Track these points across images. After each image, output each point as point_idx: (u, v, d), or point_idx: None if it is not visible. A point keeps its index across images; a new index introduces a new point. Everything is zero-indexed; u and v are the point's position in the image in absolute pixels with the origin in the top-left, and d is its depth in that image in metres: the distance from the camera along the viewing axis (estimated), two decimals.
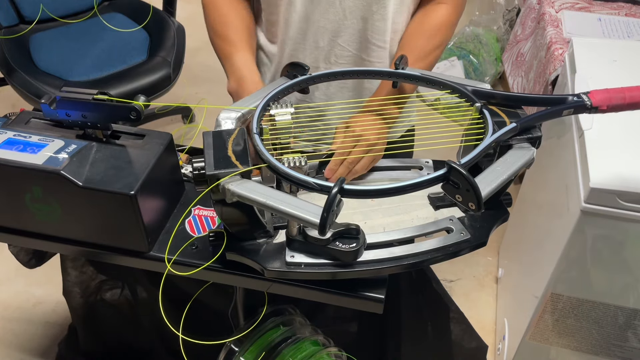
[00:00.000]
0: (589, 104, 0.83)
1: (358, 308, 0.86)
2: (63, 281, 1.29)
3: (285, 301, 1.09)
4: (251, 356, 1.03)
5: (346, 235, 0.79)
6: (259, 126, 0.82)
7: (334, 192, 0.68)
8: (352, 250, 0.77)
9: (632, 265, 1.18)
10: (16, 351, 1.67)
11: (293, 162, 0.76)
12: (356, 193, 0.70)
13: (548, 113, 0.84)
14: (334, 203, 0.68)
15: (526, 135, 0.81)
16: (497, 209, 0.89)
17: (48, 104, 0.88)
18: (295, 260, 0.80)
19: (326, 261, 0.79)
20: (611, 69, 1.35)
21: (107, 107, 0.86)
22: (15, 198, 0.88)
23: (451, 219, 0.86)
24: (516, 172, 0.78)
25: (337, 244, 0.78)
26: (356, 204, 0.94)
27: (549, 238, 1.30)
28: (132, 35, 2.06)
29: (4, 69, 1.89)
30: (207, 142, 0.79)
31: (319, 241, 0.78)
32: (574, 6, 1.84)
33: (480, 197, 0.68)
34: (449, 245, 0.82)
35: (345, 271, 0.79)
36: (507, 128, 0.79)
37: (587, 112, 0.84)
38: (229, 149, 0.77)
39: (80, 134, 0.91)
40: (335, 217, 0.70)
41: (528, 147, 0.81)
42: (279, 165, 0.75)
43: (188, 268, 0.88)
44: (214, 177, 0.73)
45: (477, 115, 0.84)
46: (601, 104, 0.83)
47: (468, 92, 0.87)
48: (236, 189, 0.73)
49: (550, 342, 1.39)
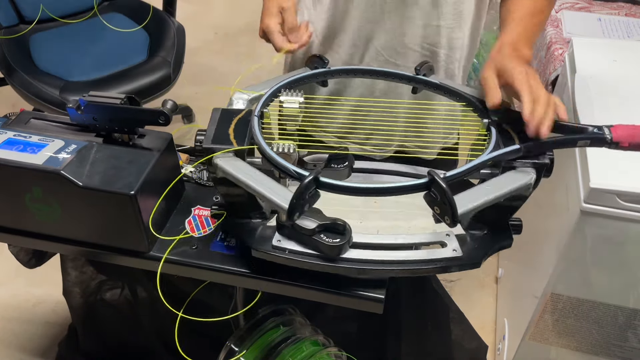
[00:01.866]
0: (609, 138, 0.78)
1: (358, 308, 0.86)
2: (63, 281, 1.29)
3: (285, 301, 1.09)
4: (251, 356, 1.03)
5: (333, 230, 0.79)
6: (261, 109, 0.85)
7: (307, 181, 0.70)
8: (334, 245, 0.78)
9: (632, 265, 1.18)
10: (16, 351, 1.67)
11: (282, 148, 0.79)
12: (330, 186, 0.73)
13: (560, 141, 0.80)
14: (306, 192, 0.70)
15: (532, 160, 0.79)
16: (501, 233, 0.85)
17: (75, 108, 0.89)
18: (281, 245, 0.81)
19: (310, 252, 0.80)
20: (611, 69, 1.35)
21: (136, 111, 0.87)
22: (15, 198, 0.88)
23: (448, 234, 0.83)
24: (505, 195, 0.76)
25: (322, 237, 0.78)
26: (357, 202, 0.94)
27: (549, 238, 1.30)
28: (132, 35, 2.06)
29: (4, 69, 1.89)
30: (213, 117, 0.84)
31: (304, 230, 0.79)
32: (574, 6, 1.84)
33: (455, 213, 0.69)
34: (438, 259, 0.80)
35: (327, 265, 0.79)
36: (508, 149, 0.78)
37: (607, 147, 0.80)
38: (231, 127, 0.82)
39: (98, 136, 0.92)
40: (307, 207, 0.72)
41: (530, 171, 0.78)
42: (266, 148, 0.78)
43: (188, 268, 0.88)
44: (209, 150, 0.78)
45: (484, 131, 0.83)
46: (623, 140, 0.78)
47: (481, 107, 0.86)
48: (223, 164, 0.78)
49: (550, 342, 1.39)
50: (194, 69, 2.64)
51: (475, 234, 0.85)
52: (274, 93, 0.88)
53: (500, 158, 0.78)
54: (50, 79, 1.85)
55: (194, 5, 3.18)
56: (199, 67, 2.71)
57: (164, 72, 1.93)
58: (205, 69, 2.76)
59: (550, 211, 1.33)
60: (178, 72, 1.99)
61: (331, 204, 0.89)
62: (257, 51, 2.86)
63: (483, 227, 0.85)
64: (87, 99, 0.88)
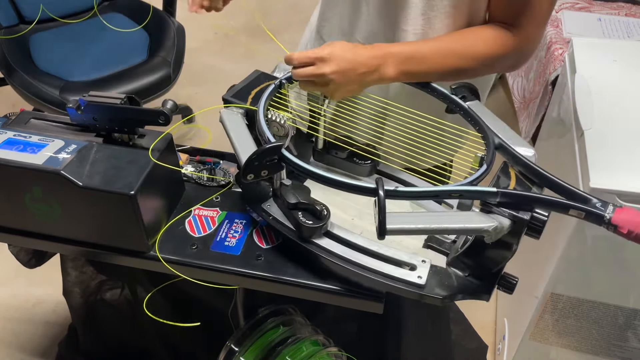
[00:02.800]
0: (606, 218, 0.70)
1: (358, 308, 0.86)
2: (63, 281, 1.29)
3: (285, 301, 1.09)
4: (251, 356, 1.03)
5: (311, 212, 0.82)
6: (281, 80, 0.92)
7: (268, 147, 0.76)
8: (307, 226, 0.81)
9: (632, 265, 1.18)
10: (16, 351, 1.67)
11: (275, 116, 0.85)
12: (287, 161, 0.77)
13: (547, 201, 0.72)
14: (264, 156, 0.75)
15: (510, 210, 0.72)
16: (485, 282, 0.81)
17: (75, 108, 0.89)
18: (268, 209, 0.87)
19: (289, 225, 0.84)
20: (611, 69, 1.35)
21: (136, 111, 0.87)
22: (15, 198, 0.88)
23: (424, 261, 0.81)
24: (451, 231, 0.75)
25: (299, 214, 0.82)
26: (360, 200, 0.94)
27: (549, 238, 1.30)
28: (132, 35, 2.06)
29: (4, 69, 1.89)
30: (249, 76, 0.94)
31: (285, 203, 0.84)
32: (574, 6, 1.84)
33: (382, 226, 0.68)
34: (399, 279, 0.79)
35: (297, 242, 0.83)
36: (482, 188, 0.73)
37: (603, 226, 0.72)
38: (255, 90, 0.91)
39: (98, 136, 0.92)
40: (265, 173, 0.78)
41: (502, 220, 0.72)
42: (260, 112, 0.84)
43: (188, 268, 0.88)
44: (226, 101, 0.90)
45: (476, 165, 0.82)
46: (623, 225, 0.69)
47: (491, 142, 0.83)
48: (223, 114, 0.87)
49: (550, 342, 1.39)
50: (194, 69, 2.64)
51: (454, 272, 0.83)
52: None
53: (470, 195, 0.75)
54: (50, 79, 1.85)
55: None
56: (199, 67, 2.71)
57: (164, 72, 1.93)
58: (205, 69, 2.76)
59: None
60: (178, 72, 1.99)
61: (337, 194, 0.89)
62: (257, 51, 2.86)
63: (465, 269, 0.82)
64: (87, 99, 0.88)
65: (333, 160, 1.00)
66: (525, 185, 0.77)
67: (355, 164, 0.98)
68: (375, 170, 1.00)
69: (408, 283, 0.79)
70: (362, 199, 0.91)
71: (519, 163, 0.81)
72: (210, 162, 1.04)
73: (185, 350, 1.31)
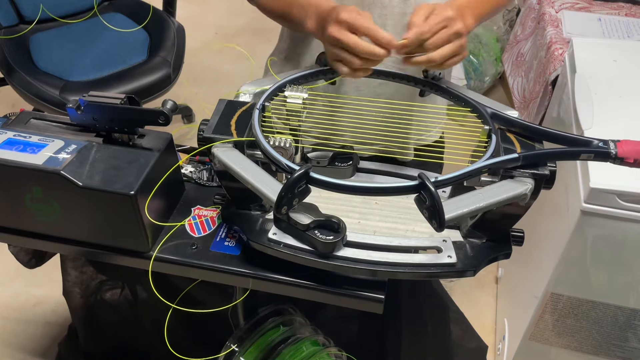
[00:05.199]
0: (613, 153, 0.76)
1: (358, 308, 0.86)
2: (63, 281, 1.29)
3: (285, 301, 1.09)
4: (251, 356, 1.03)
5: (328, 227, 0.80)
6: (263, 103, 0.86)
7: (297, 175, 0.71)
8: (327, 242, 0.78)
9: (632, 265, 1.18)
10: (16, 351, 1.67)
11: (278, 141, 0.80)
12: (320, 182, 0.73)
13: (561, 152, 0.79)
14: (295, 186, 0.72)
15: (531, 170, 0.77)
16: (501, 243, 0.85)
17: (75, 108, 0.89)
18: (276, 238, 0.81)
19: (305, 247, 0.80)
20: (611, 69, 1.35)
21: (136, 111, 0.87)
22: (15, 198, 0.88)
23: (445, 240, 0.83)
24: (498, 204, 0.76)
25: (316, 233, 0.79)
26: (358, 202, 0.94)
27: (549, 238, 1.30)
28: (132, 35, 2.06)
29: (4, 69, 1.89)
30: (217, 108, 0.87)
31: (299, 225, 0.79)
32: (574, 6, 1.84)
33: (442, 218, 0.69)
34: (432, 264, 0.80)
35: (320, 261, 0.79)
36: (506, 157, 0.77)
37: (611, 162, 0.77)
38: (234, 119, 0.84)
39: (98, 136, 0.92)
40: (296, 201, 0.74)
41: (528, 181, 0.77)
42: (263, 140, 0.79)
43: (188, 268, 0.88)
44: (209, 139, 0.81)
45: (485, 138, 0.83)
46: (628, 156, 0.76)
47: (486, 115, 0.86)
48: (219, 154, 0.80)
49: (550, 342, 1.39)
50: (194, 69, 2.64)
51: (473, 242, 0.84)
52: (279, 88, 0.89)
53: (497, 166, 0.77)
54: (50, 79, 1.85)
55: (194, 5, 3.18)
56: (199, 67, 2.72)
57: (164, 72, 1.93)
58: (205, 69, 2.76)
59: (550, 211, 1.33)
60: (178, 72, 1.99)
61: (332, 202, 0.90)
62: (257, 51, 2.86)
63: (482, 235, 0.84)
64: (87, 99, 0.88)
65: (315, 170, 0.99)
66: (528, 145, 0.81)
67: (338, 168, 0.98)
68: (357, 169, 1.00)
69: (442, 265, 0.80)
70: (356, 200, 0.91)
71: (517, 125, 0.84)
72: (210, 162, 1.04)
73: (185, 350, 1.31)
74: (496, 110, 0.87)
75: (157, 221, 0.91)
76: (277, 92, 0.89)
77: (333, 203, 0.90)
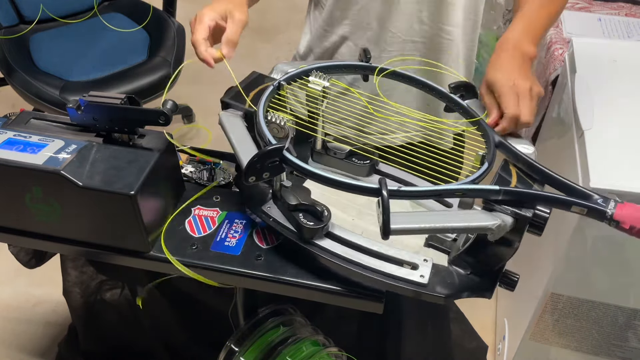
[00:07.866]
0: (609, 214, 0.70)
1: (358, 308, 0.86)
2: (63, 281, 1.29)
3: (285, 301, 1.09)
4: (251, 356, 1.03)
5: (312, 213, 0.82)
6: (280, 81, 0.90)
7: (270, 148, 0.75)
8: (307, 227, 0.80)
9: (632, 265, 1.18)
10: (16, 351, 1.67)
11: (275, 118, 0.83)
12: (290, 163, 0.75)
13: (550, 198, 0.73)
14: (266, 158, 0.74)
15: (513, 208, 0.72)
16: (485, 280, 0.82)
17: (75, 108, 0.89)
18: (268, 212, 0.86)
19: (289, 226, 0.83)
20: (611, 69, 1.35)
21: (136, 111, 0.87)
22: (15, 198, 0.88)
23: (426, 260, 0.81)
24: (457, 230, 0.75)
25: (300, 216, 0.82)
26: (360, 201, 0.94)
27: (549, 238, 1.30)
28: (132, 35, 2.06)
29: (4, 69, 1.89)
30: (247, 78, 0.94)
31: (285, 204, 0.84)
32: (574, 6, 1.84)
33: (387, 226, 0.67)
34: (400, 278, 0.79)
35: (299, 244, 0.82)
36: (484, 187, 0.74)
37: (606, 222, 0.71)
38: (255, 91, 0.89)
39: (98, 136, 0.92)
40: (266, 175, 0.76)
41: (505, 218, 0.72)
42: (260, 113, 0.83)
43: (188, 268, 0.88)
44: (225, 103, 0.90)
45: (477, 163, 0.82)
46: (625, 220, 0.69)
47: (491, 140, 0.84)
48: (221, 116, 0.86)
49: (550, 342, 1.39)
50: (194, 69, 2.63)
51: (457, 270, 0.83)
52: (305, 72, 0.92)
53: (474, 194, 0.74)
54: (50, 79, 1.85)
55: (194, 5, 3.17)
56: (199, 67, 2.71)
57: (164, 72, 1.93)
58: (206, 69, 2.76)
59: None
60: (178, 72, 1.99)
61: (337, 194, 0.89)
62: (257, 51, 2.86)
63: (467, 267, 0.83)
64: (87, 99, 0.88)
65: (331, 160, 1.00)
66: (526, 183, 0.77)
67: (354, 164, 0.98)
68: (375, 170, 1.00)
69: (410, 282, 0.79)
70: (361, 199, 0.91)
71: (520, 160, 0.81)
72: (210, 162, 1.04)
73: (185, 350, 1.31)
74: (503, 139, 0.84)
75: (157, 221, 0.91)
76: (303, 75, 0.91)
77: (337, 195, 0.89)
